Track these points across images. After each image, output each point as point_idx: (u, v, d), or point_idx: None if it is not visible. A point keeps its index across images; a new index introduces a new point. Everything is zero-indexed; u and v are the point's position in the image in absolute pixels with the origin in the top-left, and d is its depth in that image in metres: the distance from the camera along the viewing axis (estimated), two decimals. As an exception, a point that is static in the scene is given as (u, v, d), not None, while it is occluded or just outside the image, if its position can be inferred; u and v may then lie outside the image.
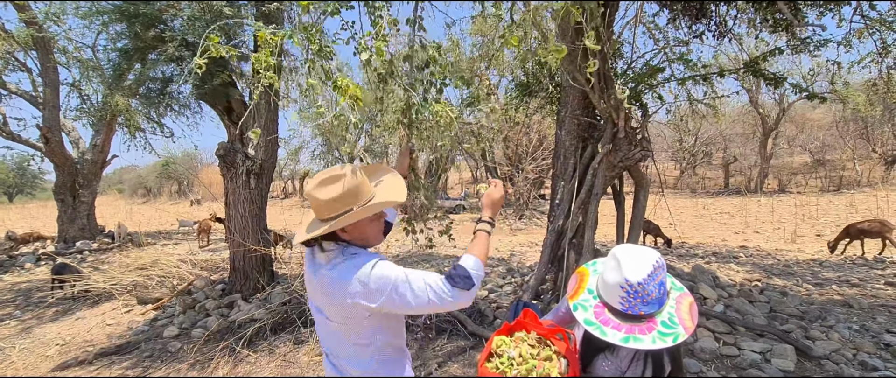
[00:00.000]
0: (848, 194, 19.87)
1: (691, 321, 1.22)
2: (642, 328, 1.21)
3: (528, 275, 6.20)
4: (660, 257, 1.25)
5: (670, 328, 1.20)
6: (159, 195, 44.60)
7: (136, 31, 4.73)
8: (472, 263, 1.40)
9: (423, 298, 1.31)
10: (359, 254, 1.39)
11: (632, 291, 1.20)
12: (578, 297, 1.35)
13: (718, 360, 3.60)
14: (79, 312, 5.86)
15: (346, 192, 1.36)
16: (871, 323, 4.49)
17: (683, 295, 1.30)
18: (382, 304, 1.32)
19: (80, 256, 9.58)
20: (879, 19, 4.65)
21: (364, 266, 1.33)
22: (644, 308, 1.22)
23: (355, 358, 1.45)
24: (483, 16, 2.96)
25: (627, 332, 1.21)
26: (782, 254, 8.81)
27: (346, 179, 1.37)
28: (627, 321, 1.23)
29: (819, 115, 26.94)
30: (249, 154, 5.45)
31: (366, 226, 1.45)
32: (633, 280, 1.20)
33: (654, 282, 1.21)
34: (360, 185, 1.39)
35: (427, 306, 1.33)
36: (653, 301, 1.22)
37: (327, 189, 1.36)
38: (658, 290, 1.22)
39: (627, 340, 1.19)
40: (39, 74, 10.32)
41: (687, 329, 1.19)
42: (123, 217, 19.78)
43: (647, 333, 1.19)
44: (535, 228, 15.29)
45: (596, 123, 4.58)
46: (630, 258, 1.24)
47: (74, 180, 10.92)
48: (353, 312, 1.35)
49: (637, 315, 1.23)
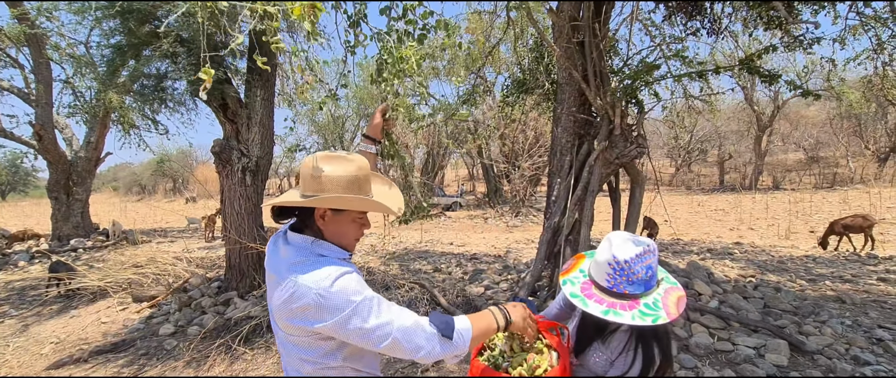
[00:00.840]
0: (841, 191, 20.02)
1: (676, 309, 1.24)
2: (624, 305, 1.24)
3: (524, 271, 6.22)
4: (653, 245, 1.28)
5: (652, 310, 1.22)
6: (154, 193, 44.39)
7: (129, 27, 4.69)
8: (462, 322, 1.25)
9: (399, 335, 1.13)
10: (328, 257, 1.23)
11: (618, 268, 1.24)
12: (570, 274, 1.40)
13: (713, 355, 3.63)
14: (74, 310, 5.83)
15: (350, 175, 1.23)
16: (864, 318, 4.53)
17: (674, 288, 1.32)
18: (331, 326, 1.11)
19: (74, 254, 9.52)
20: (875, 16, 4.68)
21: (326, 271, 1.14)
22: (629, 287, 1.24)
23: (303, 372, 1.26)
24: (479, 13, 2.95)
25: (609, 306, 1.24)
26: (776, 250, 8.87)
27: (356, 165, 1.26)
28: (611, 297, 1.27)
29: (813, 113, 27.13)
30: (245, 151, 5.42)
31: (347, 224, 1.30)
32: (620, 257, 1.23)
33: (641, 263, 1.23)
34: (367, 178, 1.29)
35: (393, 346, 1.14)
36: (638, 282, 1.24)
37: (334, 165, 1.23)
38: (645, 272, 1.24)
39: (607, 313, 1.22)
40: (32, 71, 10.22)
41: (669, 314, 1.21)
42: (118, 215, 19.67)
43: (627, 310, 1.22)
44: (531, 225, 15.32)
45: (592, 120, 4.60)
46: (622, 240, 1.28)
47: (68, 178, 10.84)
48: (300, 326, 1.16)
49: (621, 293, 1.25)
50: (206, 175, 34.64)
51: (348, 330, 1.12)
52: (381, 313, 1.15)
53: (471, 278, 6.43)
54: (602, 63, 4.23)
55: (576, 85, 4.40)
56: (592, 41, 4.16)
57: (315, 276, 1.13)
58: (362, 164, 1.28)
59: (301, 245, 1.25)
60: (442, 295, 5.08)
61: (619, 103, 4.10)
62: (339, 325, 1.11)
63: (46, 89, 9.96)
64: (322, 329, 1.13)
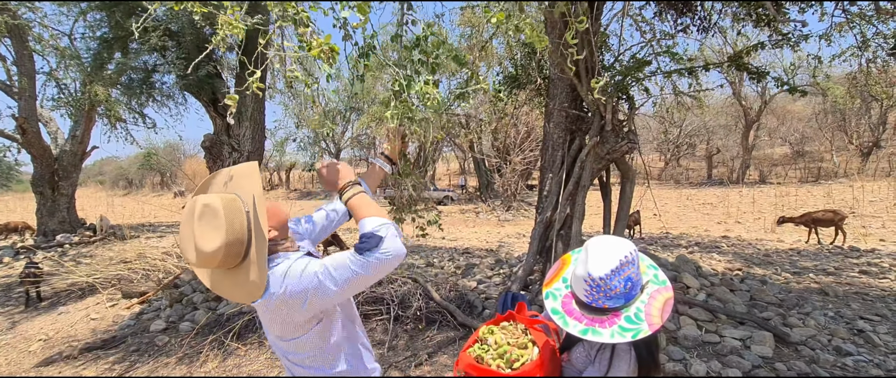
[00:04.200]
0: (826, 185, 20.41)
1: (660, 317, 1.19)
2: (603, 321, 1.21)
3: (516, 265, 6.27)
4: (631, 252, 1.23)
5: (634, 324, 1.18)
6: (142, 187, 43.77)
7: (116, 19, 4.62)
8: (369, 224, 1.34)
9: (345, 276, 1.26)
10: (275, 259, 1.37)
11: (594, 285, 1.20)
12: (552, 285, 1.38)
13: (700, 347, 3.71)
14: (62, 307, 5.76)
15: (230, 238, 1.25)
16: (846, 310, 4.65)
17: (662, 290, 1.27)
18: (310, 300, 1.29)
19: (60, 250, 9.38)
20: (860, 14, 4.76)
21: (282, 269, 1.31)
22: (608, 302, 1.21)
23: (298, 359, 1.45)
24: (471, 7, 2.94)
25: (588, 324, 1.21)
26: (762, 243, 9.05)
27: (219, 221, 1.24)
28: (590, 313, 1.24)
29: (799, 108, 27.56)
30: (236, 146, 5.38)
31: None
32: (595, 275, 1.19)
33: (619, 277, 1.19)
34: (234, 220, 1.28)
35: (351, 282, 1.27)
36: (617, 296, 1.21)
37: (207, 239, 1.24)
38: (624, 285, 1.20)
39: (586, 332, 1.20)
40: (14, 63, 9.99)
41: (652, 325, 1.17)
42: (105, 209, 19.39)
43: (607, 327, 1.19)
44: (523, 219, 15.41)
45: (584, 116, 4.63)
46: (598, 252, 1.23)
47: (53, 172, 10.65)
48: (287, 318, 1.34)
49: (601, 308, 1.23)
50: (195, 169, 34.17)
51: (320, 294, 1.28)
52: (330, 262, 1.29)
53: (463, 272, 6.47)
54: (594, 59, 4.26)
55: (567, 80, 4.42)
56: (584, 37, 4.17)
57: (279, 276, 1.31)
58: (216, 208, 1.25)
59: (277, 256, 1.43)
60: (435, 289, 5.10)
61: (610, 99, 4.13)
62: (315, 294, 1.28)
63: (30, 81, 9.75)
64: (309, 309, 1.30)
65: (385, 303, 4.51)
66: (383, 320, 4.37)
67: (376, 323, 4.40)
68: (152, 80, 5.57)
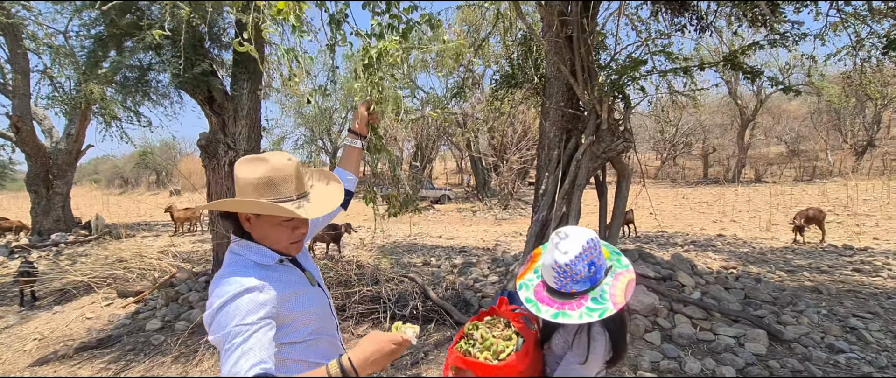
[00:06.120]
0: (820, 184, 20.54)
1: (624, 297, 1.30)
2: (571, 305, 1.31)
3: (512, 264, 6.29)
4: (592, 239, 1.33)
5: (599, 304, 1.29)
6: (137, 186, 43.56)
7: (111, 17, 4.59)
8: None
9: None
10: (242, 257, 1.24)
11: (561, 272, 1.31)
12: (525, 276, 1.49)
13: (695, 344, 3.73)
14: (57, 306, 5.73)
15: (258, 178, 1.20)
16: (839, 307, 4.69)
17: (625, 272, 1.38)
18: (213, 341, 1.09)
19: (55, 249, 9.33)
20: (854, 13, 4.79)
21: (220, 286, 1.13)
22: (575, 286, 1.32)
23: None
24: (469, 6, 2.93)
25: (558, 308, 1.32)
26: (757, 242, 9.10)
27: (269, 165, 1.22)
28: (560, 298, 1.34)
29: (795, 107, 27.72)
30: (232, 144, 5.36)
31: (271, 228, 1.25)
32: (560, 262, 1.30)
33: (582, 262, 1.30)
34: (285, 178, 1.23)
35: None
36: (583, 279, 1.31)
37: (245, 167, 1.22)
38: (587, 269, 1.31)
39: (556, 316, 1.30)
40: (8, 61, 9.92)
41: (616, 304, 1.28)
42: (100, 208, 19.29)
43: (575, 309, 1.30)
44: (519, 218, 15.44)
45: (580, 115, 4.64)
46: (562, 240, 1.33)
47: (48, 170, 10.58)
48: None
49: (569, 292, 1.33)
50: (191, 168, 34.03)
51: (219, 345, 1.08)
52: (231, 357, 1.03)
53: (460, 271, 6.48)
54: (590, 58, 4.27)
55: (564, 80, 4.44)
56: (580, 36, 4.19)
57: (215, 283, 1.15)
58: (279, 164, 1.23)
59: (234, 250, 1.27)
60: (431, 288, 5.11)
61: (606, 98, 4.15)
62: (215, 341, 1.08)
63: (24, 79, 9.68)
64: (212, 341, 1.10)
65: (382, 302, 4.51)
66: (381, 319, 4.38)
67: (373, 322, 4.41)
68: (147, 79, 5.54)
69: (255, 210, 1.23)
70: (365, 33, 1.97)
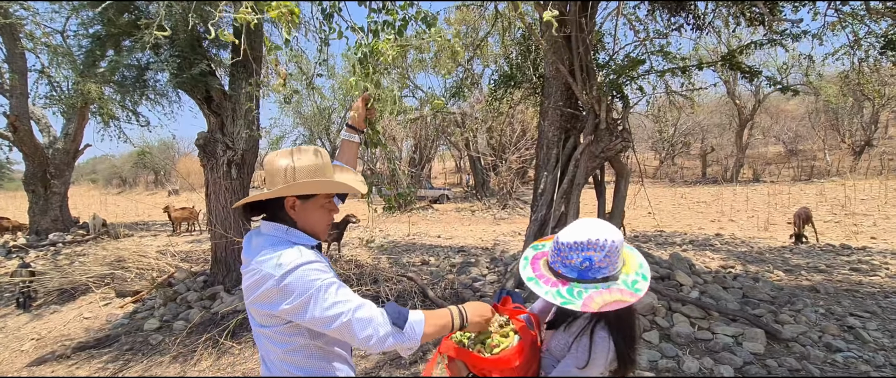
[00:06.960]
0: (818, 183, 20.59)
1: (598, 307, 1.21)
2: (550, 281, 1.31)
3: (511, 263, 6.29)
4: (608, 240, 1.22)
5: (569, 297, 1.24)
6: (135, 185, 43.48)
7: (109, 16, 4.57)
8: (416, 316, 1.27)
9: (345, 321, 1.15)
10: (297, 243, 1.27)
11: (557, 248, 1.30)
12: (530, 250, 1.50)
13: (693, 343, 3.74)
14: (55, 306, 5.72)
15: (313, 164, 1.30)
16: (837, 307, 4.70)
17: (625, 292, 1.25)
18: (290, 309, 1.16)
19: (53, 249, 9.31)
20: (852, 13, 4.80)
21: (289, 256, 1.18)
22: (562, 269, 1.29)
23: (276, 359, 1.29)
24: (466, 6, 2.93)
25: (538, 277, 1.34)
26: (755, 241, 9.11)
27: (315, 155, 1.33)
28: (548, 273, 1.34)
29: (793, 106, 27.78)
30: (230, 144, 5.35)
31: (316, 210, 1.36)
32: (562, 240, 1.28)
33: (577, 252, 1.24)
34: (327, 164, 1.36)
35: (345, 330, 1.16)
36: (570, 267, 1.27)
37: (297, 156, 1.31)
38: (580, 261, 1.24)
39: (530, 280, 1.33)
40: (5, 60, 9.88)
41: (584, 306, 1.21)
42: (98, 208, 19.25)
43: (549, 286, 1.29)
44: (518, 218, 15.44)
45: (578, 114, 4.65)
46: (578, 224, 1.31)
47: (45, 170, 10.55)
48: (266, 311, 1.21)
49: (556, 272, 1.32)
50: (189, 167, 33.97)
51: (306, 313, 1.16)
52: (338, 299, 1.17)
53: (459, 271, 6.48)
54: (588, 58, 4.28)
55: (562, 79, 4.44)
56: (579, 36, 4.19)
57: (278, 260, 1.18)
58: (321, 151, 1.35)
59: (273, 234, 1.31)
60: (430, 287, 5.11)
61: (604, 98, 4.15)
62: (298, 308, 1.15)
63: (21, 79, 9.65)
64: (282, 313, 1.17)
65: (381, 301, 4.51)
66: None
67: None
68: (146, 78, 5.53)
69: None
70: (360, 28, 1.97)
